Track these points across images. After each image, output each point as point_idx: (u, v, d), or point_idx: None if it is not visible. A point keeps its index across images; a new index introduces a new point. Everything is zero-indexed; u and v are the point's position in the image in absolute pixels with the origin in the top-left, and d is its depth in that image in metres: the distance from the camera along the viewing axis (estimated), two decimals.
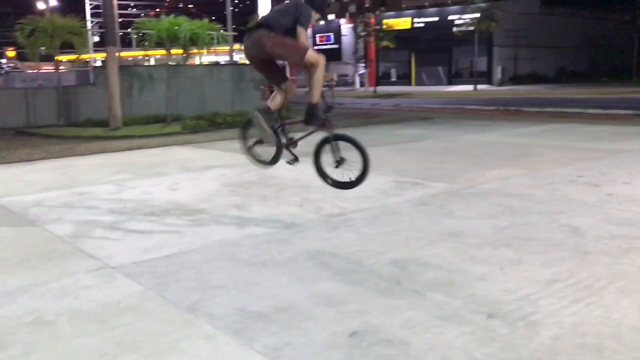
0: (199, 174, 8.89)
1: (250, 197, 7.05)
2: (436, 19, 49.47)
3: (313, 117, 4.90)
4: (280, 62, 5.04)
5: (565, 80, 47.01)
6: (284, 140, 5.29)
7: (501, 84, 44.96)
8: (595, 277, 4.05)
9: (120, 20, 54.41)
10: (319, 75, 4.73)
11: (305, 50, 4.69)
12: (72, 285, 4.19)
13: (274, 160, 5.37)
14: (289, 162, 5.43)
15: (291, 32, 4.72)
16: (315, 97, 4.85)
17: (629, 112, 18.05)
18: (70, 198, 7.29)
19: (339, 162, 5.22)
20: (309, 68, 4.75)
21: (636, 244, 4.77)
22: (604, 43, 54.21)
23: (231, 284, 4.13)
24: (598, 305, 3.58)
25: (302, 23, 4.69)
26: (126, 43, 46.98)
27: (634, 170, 8.01)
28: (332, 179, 5.41)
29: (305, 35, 4.75)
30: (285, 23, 4.74)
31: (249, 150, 5.55)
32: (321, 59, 4.75)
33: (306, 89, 4.97)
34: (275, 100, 4.98)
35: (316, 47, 55.78)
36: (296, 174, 8.51)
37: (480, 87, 40.88)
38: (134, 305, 3.81)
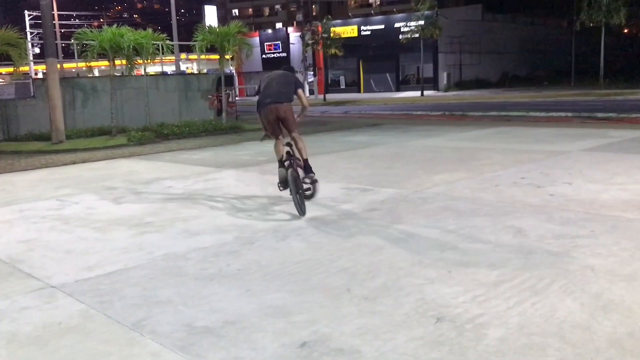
0: (145, 186, 8.69)
1: (198, 209, 6.93)
2: (382, 26, 50.17)
3: (309, 168, 6.61)
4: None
5: (508, 84, 48.41)
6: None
7: (447, 89, 45.92)
8: (539, 277, 4.14)
9: (62, 31, 53.11)
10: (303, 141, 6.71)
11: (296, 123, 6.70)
12: (8, 308, 4.00)
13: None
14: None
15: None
16: (305, 154, 6.63)
17: (569, 114, 18.71)
18: (9, 215, 7.01)
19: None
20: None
21: (578, 243, 4.91)
22: (544, 48, 56.19)
23: (178, 299, 4.02)
24: (543, 304, 3.66)
25: (301, 87, 6.86)
26: (69, 54, 45.77)
27: (574, 171, 8.27)
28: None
29: (304, 93, 6.90)
30: (291, 91, 6.71)
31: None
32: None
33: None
34: (279, 148, 6.64)
35: (264, 56, 55.87)
36: (244, 185, 8.44)
37: (427, 92, 41.62)
38: (76, 325, 3.66)
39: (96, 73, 32.92)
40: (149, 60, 17.76)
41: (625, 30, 60.70)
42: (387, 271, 4.41)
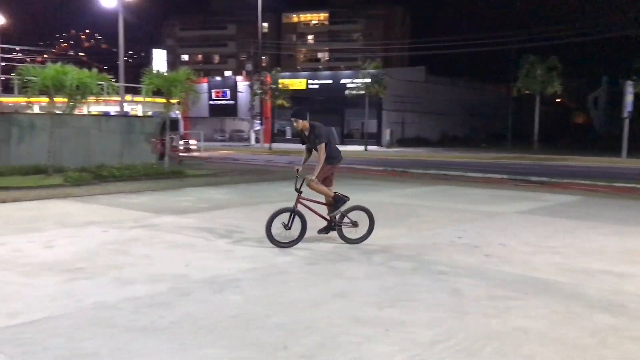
0: (79, 230, 8.38)
1: (133, 257, 6.71)
2: (330, 81, 51.41)
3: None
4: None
5: (447, 144, 50.12)
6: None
7: (389, 145, 47.08)
8: (473, 338, 4.19)
9: (4, 64, 51.68)
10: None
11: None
12: None
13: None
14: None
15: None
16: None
17: (504, 176, 19.42)
18: None
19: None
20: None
21: (510, 305, 5.02)
22: (483, 111, 58.78)
23: (105, 352, 3.84)
24: None
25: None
26: (9, 89, 44.45)
27: (509, 232, 8.53)
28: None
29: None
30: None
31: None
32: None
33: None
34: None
35: (211, 102, 55.93)
36: (182, 232, 8.27)
37: (370, 148, 42.51)
38: None
39: (36, 109, 32.02)
40: (92, 100, 17.44)
41: (558, 100, 64.43)
42: (324, 328, 4.36)
